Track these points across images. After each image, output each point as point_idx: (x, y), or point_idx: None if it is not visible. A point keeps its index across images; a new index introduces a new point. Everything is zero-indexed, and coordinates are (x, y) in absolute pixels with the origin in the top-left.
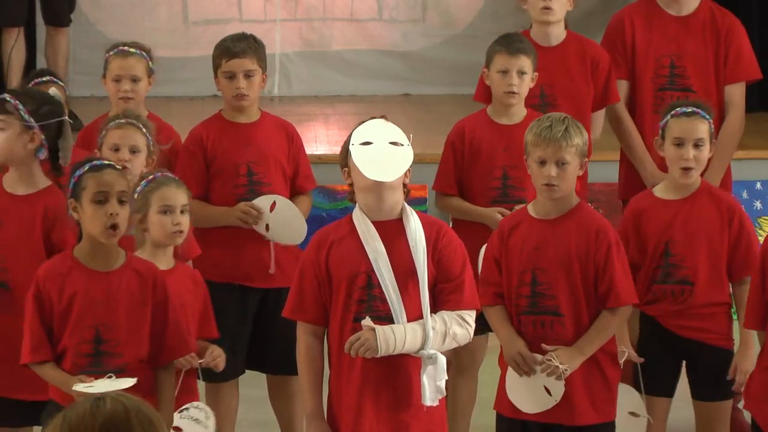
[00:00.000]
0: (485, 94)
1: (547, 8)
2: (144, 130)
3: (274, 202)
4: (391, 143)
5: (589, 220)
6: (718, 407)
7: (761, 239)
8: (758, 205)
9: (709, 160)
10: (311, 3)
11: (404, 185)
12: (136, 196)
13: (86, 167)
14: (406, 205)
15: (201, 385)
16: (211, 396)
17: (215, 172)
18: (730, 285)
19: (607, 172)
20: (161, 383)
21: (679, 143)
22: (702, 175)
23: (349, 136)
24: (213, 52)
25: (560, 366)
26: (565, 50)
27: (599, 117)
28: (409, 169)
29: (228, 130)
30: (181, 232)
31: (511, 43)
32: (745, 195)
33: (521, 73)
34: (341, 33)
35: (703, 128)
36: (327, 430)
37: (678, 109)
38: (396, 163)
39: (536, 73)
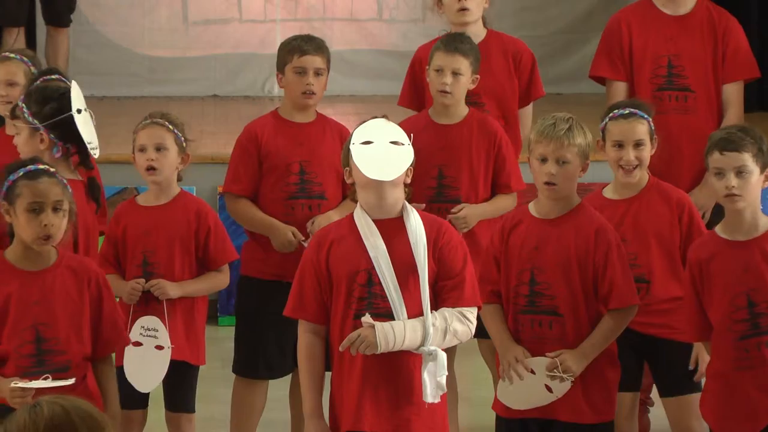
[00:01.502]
0: (408, 97)
1: (463, 9)
2: (170, 127)
3: None
4: (391, 142)
5: (589, 220)
6: (688, 401)
7: None
8: None
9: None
10: (311, 3)
11: (405, 184)
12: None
13: (20, 173)
14: (406, 203)
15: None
16: (241, 391)
17: (267, 169)
18: None
19: (606, 172)
20: (103, 376)
21: (620, 145)
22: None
23: (350, 136)
24: (280, 50)
25: (564, 376)
26: (486, 48)
27: (527, 113)
28: (410, 168)
29: (283, 128)
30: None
31: (450, 42)
32: None
33: (456, 73)
34: (341, 33)
35: (641, 129)
36: (326, 429)
37: (615, 111)
38: (396, 162)
39: (477, 76)
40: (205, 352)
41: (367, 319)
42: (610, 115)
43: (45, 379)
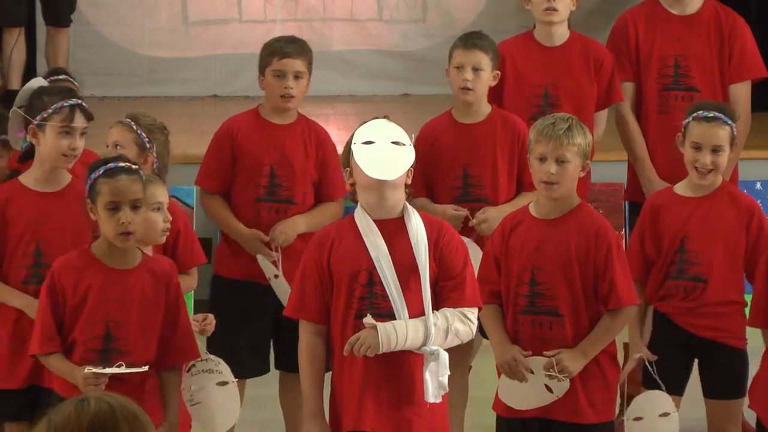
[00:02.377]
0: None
1: (551, 9)
2: (133, 126)
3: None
4: (393, 143)
5: (590, 220)
6: (731, 406)
7: None
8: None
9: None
10: (311, 3)
11: (406, 185)
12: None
13: (101, 171)
14: (407, 204)
15: None
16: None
17: (240, 168)
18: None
19: (607, 172)
20: (167, 385)
21: (697, 147)
22: None
23: (352, 136)
24: (261, 52)
25: (560, 376)
26: (569, 50)
27: (602, 117)
28: (410, 169)
29: (260, 128)
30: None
31: (468, 38)
32: None
33: (476, 69)
34: (341, 33)
35: (722, 134)
36: (327, 430)
37: (700, 112)
38: (397, 162)
39: (497, 72)
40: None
41: (368, 320)
42: (695, 114)
43: (119, 366)
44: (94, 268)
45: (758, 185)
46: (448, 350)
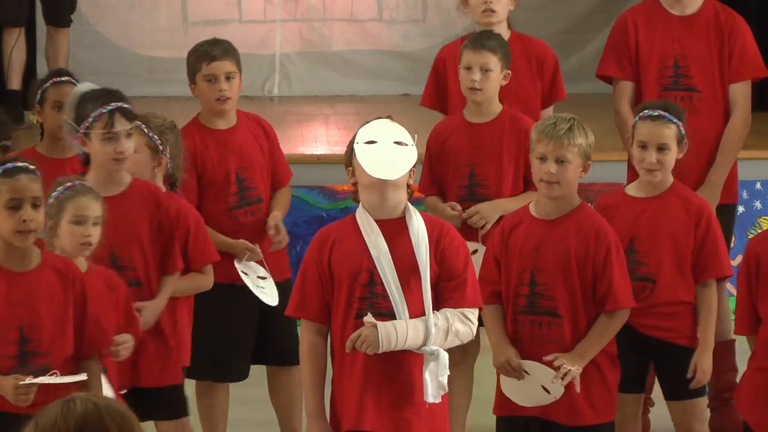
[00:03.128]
0: (431, 97)
1: (488, 10)
2: (145, 129)
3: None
4: (395, 143)
5: (589, 221)
6: (693, 405)
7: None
8: (758, 205)
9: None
10: (311, 3)
11: (408, 185)
12: (50, 201)
13: None
14: (409, 204)
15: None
16: (204, 395)
17: (207, 183)
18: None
19: (607, 172)
20: (90, 375)
21: (643, 146)
22: (693, 173)
23: (354, 136)
24: (188, 58)
25: (572, 369)
26: (510, 50)
27: (548, 114)
28: (413, 169)
29: (211, 140)
30: (90, 244)
31: (477, 39)
32: (745, 195)
33: (485, 69)
34: (341, 33)
35: (668, 133)
36: (327, 430)
37: (646, 111)
38: (400, 162)
39: (508, 71)
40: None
41: (369, 318)
42: (640, 114)
43: (53, 374)
44: None
45: (758, 185)
46: (449, 350)
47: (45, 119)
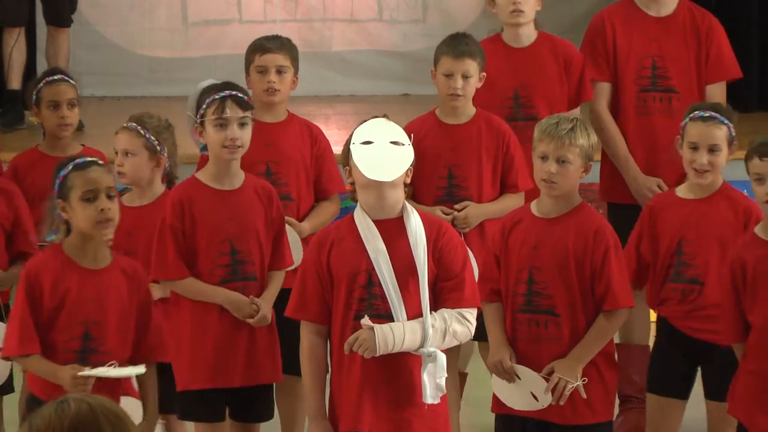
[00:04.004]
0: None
1: (516, 11)
2: (141, 131)
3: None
4: (392, 142)
5: (589, 221)
6: None
7: None
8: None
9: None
10: (311, 3)
11: (405, 184)
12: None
13: (70, 167)
14: (406, 203)
15: None
16: None
17: None
18: None
19: None
20: (145, 382)
21: (694, 147)
22: None
23: (351, 135)
24: (246, 51)
25: (569, 381)
26: (538, 51)
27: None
28: (410, 168)
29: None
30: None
31: (456, 45)
32: None
33: (466, 76)
34: (341, 33)
35: (719, 134)
36: (329, 430)
37: (696, 112)
38: (396, 163)
39: (483, 74)
40: None
41: (365, 321)
42: (691, 115)
43: (111, 365)
44: (70, 268)
45: None
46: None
47: (43, 119)
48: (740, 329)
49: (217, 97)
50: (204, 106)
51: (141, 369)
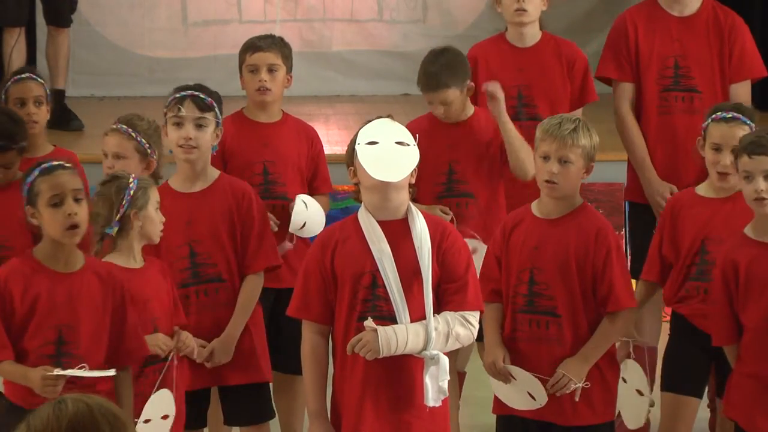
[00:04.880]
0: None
1: (521, 10)
2: (132, 134)
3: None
4: (397, 143)
5: (590, 221)
6: None
7: None
8: None
9: None
10: (311, 3)
11: (410, 185)
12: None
13: (36, 172)
14: (411, 205)
15: None
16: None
17: (230, 170)
18: None
19: (607, 172)
20: (121, 384)
21: (717, 148)
22: None
23: (356, 135)
24: (239, 51)
25: (572, 380)
26: (541, 51)
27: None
28: (415, 169)
29: (247, 128)
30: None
31: (430, 79)
32: None
33: (446, 103)
34: (341, 33)
35: (741, 134)
36: (330, 430)
37: (719, 113)
38: (402, 163)
39: (471, 84)
40: None
41: (369, 323)
42: (713, 116)
43: (81, 368)
44: (40, 273)
45: None
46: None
47: None
48: (733, 331)
49: (176, 96)
50: (165, 105)
51: (110, 372)
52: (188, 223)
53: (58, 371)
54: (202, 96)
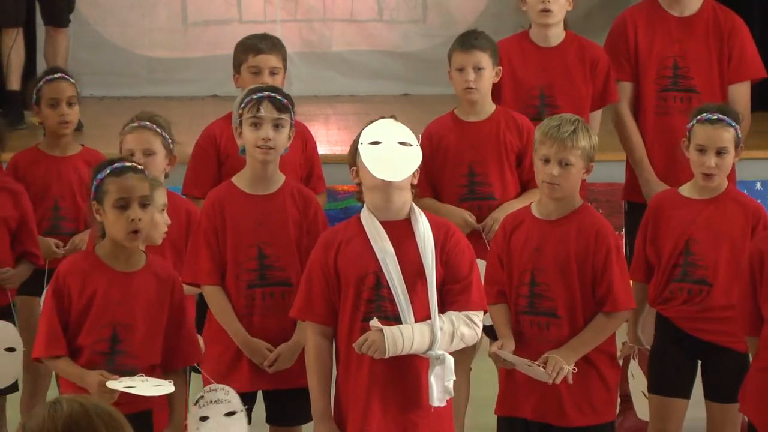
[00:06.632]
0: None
1: (546, 10)
2: (158, 130)
3: None
4: (400, 143)
5: (590, 222)
6: (732, 409)
7: None
8: None
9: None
10: (311, 3)
11: (412, 186)
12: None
13: (107, 170)
14: (414, 205)
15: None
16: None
17: (227, 171)
18: None
19: (607, 172)
20: (175, 386)
21: (702, 150)
22: None
23: (358, 135)
24: (235, 49)
25: (565, 367)
26: (565, 51)
27: (596, 117)
28: (417, 170)
29: None
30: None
31: (465, 40)
32: None
33: (478, 68)
34: (341, 33)
35: (726, 136)
36: (335, 430)
37: (704, 114)
38: (404, 163)
39: (499, 68)
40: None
41: (375, 323)
42: (698, 117)
43: (140, 377)
44: (99, 270)
45: (758, 185)
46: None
47: (43, 118)
48: (756, 322)
49: (254, 97)
50: (242, 107)
51: (170, 388)
52: (259, 224)
53: (116, 384)
54: (279, 97)
